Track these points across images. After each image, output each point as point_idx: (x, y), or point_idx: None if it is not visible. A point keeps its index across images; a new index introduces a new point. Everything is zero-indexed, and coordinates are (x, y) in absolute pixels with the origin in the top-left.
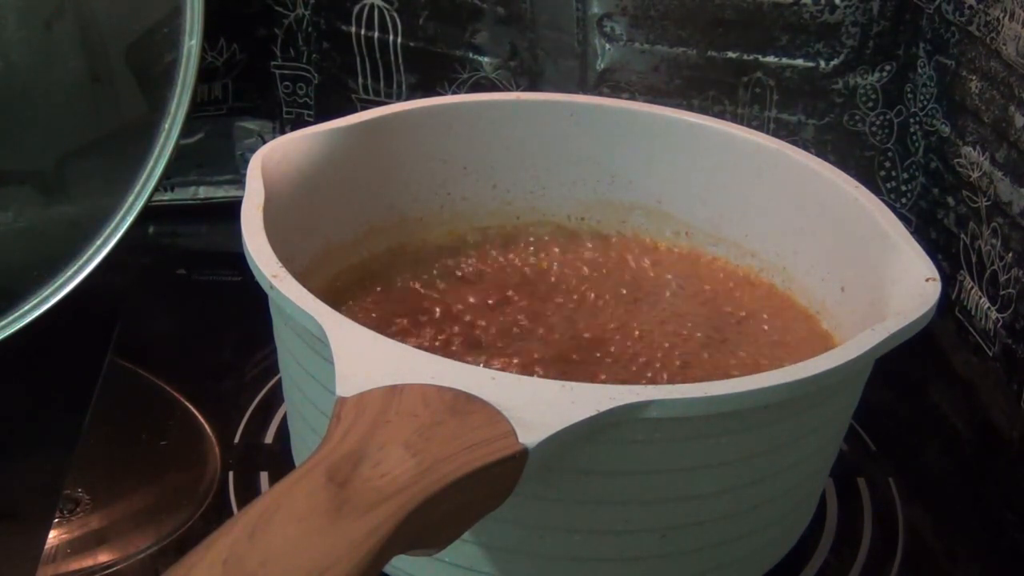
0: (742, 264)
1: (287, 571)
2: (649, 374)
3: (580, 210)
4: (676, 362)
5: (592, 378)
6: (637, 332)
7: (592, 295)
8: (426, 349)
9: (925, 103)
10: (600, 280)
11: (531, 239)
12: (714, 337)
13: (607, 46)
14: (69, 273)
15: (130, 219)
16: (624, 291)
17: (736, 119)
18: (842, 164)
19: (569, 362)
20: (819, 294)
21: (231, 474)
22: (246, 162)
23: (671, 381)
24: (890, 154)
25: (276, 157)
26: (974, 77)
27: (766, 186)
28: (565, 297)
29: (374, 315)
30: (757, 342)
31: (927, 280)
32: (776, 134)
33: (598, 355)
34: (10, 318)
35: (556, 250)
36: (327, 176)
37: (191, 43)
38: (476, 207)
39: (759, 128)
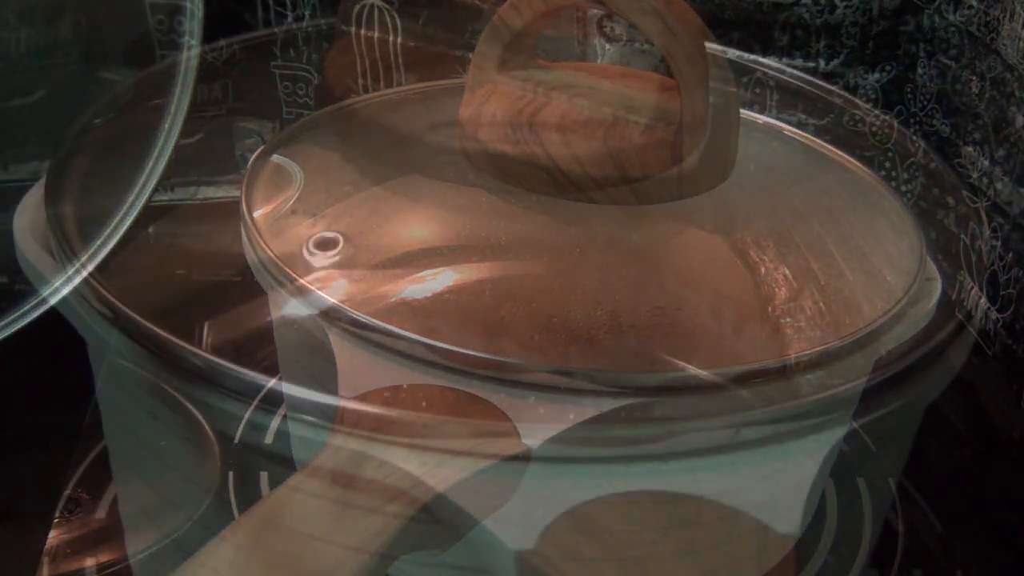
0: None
1: (293, 573)
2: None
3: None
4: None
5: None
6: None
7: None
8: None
9: (925, 103)
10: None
11: None
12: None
13: (607, 46)
14: (69, 273)
15: (130, 219)
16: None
17: None
18: None
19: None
20: None
21: (231, 474)
22: (246, 162)
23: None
24: (890, 154)
25: None
26: (974, 77)
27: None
28: None
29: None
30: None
31: (927, 280)
32: None
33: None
34: (10, 318)
35: None
36: None
37: (191, 43)
38: None
39: None
